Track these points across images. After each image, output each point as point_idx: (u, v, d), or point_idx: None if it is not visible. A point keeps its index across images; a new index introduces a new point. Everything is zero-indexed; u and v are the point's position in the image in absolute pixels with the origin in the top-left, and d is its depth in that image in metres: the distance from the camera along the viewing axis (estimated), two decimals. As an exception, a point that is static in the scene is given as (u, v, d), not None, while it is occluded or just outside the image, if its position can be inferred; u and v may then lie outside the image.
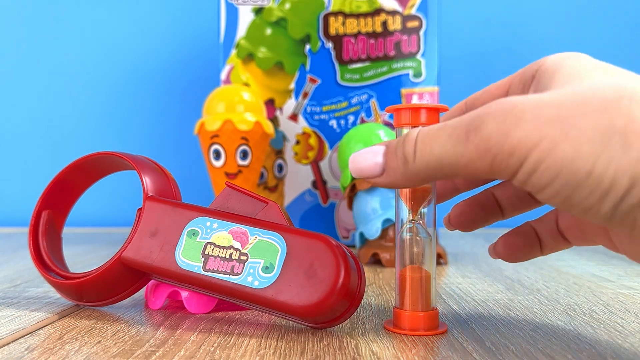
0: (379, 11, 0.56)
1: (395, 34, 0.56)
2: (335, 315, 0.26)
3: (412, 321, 0.26)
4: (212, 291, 0.27)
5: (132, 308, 0.32)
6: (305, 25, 0.56)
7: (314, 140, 0.57)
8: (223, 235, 0.27)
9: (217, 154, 0.50)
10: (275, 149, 0.58)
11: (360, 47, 0.56)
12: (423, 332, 0.26)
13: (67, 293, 0.31)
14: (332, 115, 0.57)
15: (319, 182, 0.58)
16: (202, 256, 0.27)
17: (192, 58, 0.80)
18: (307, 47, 0.57)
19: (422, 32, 0.56)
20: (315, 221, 0.58)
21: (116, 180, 0.55)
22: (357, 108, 0.57)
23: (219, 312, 0.31)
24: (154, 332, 0.27)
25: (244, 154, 0.50)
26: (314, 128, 0.57)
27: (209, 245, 0.27)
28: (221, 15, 0.57)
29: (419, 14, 0.56)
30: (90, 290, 0.30)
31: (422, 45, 0.56)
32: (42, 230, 0.33)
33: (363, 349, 0.24)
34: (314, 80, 0.57)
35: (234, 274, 0.26)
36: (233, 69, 0.57)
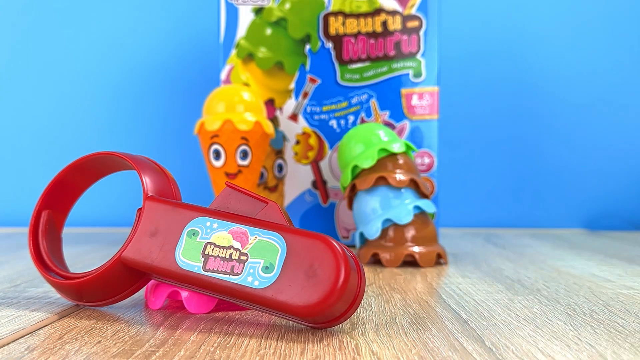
0: (379, 11, 0.56)
1: (395, 34, 0.56)
2: (335, 315, 0.26)
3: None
4: (212, 291, 0.27)
5: (132, 308, 0.32)
6: (305, 25, 0.56)
7: (314, 140, 0.57)
8: (223, 235, 0.27)
9: (217, 154, 0.50)
10: (275, 149, 0.58)
11: (360, 47, 0.56)
12: None
13: (67, 293, 0.31)
14: (332, 115, 0.57)
15: (319, 182, 0.58)
16: (202, 256, 0.27)
17: (191, 58, 0.80)
18: (307, 47, 0.57)
19: (422, 32, 0.56)
20: (315, 221, 0.58)
21: (116, 180, 0.55)
22: (357, 108, 0.57)
23: (219, 312, 0.31)
24: (154, 332, 0.27)
25: (244, 154, 0.50)
26: (314, 128, 0.57)
27: (209, 245, 0.27)
28: (221, 15, 0.57)
29: (419, 14, 0.56)
30: (90, 290, 0.30)
31: (422, 45, 0.56)
32: (42, 230, 0.33)
33: (363, 349, 0.24)
34: (314, 80, 0.57)
35: (234, 274, 0.26)
36: (233, 69, 0.57)
